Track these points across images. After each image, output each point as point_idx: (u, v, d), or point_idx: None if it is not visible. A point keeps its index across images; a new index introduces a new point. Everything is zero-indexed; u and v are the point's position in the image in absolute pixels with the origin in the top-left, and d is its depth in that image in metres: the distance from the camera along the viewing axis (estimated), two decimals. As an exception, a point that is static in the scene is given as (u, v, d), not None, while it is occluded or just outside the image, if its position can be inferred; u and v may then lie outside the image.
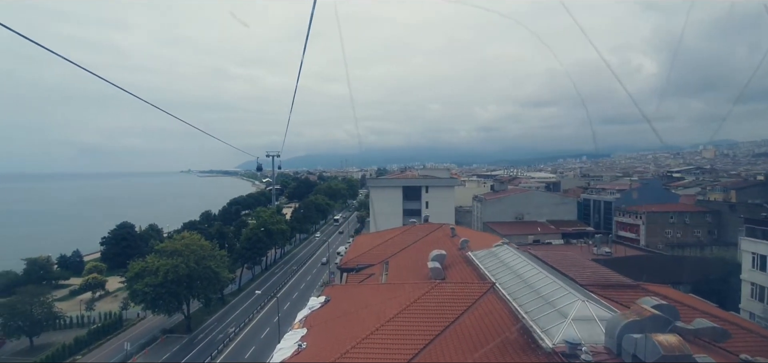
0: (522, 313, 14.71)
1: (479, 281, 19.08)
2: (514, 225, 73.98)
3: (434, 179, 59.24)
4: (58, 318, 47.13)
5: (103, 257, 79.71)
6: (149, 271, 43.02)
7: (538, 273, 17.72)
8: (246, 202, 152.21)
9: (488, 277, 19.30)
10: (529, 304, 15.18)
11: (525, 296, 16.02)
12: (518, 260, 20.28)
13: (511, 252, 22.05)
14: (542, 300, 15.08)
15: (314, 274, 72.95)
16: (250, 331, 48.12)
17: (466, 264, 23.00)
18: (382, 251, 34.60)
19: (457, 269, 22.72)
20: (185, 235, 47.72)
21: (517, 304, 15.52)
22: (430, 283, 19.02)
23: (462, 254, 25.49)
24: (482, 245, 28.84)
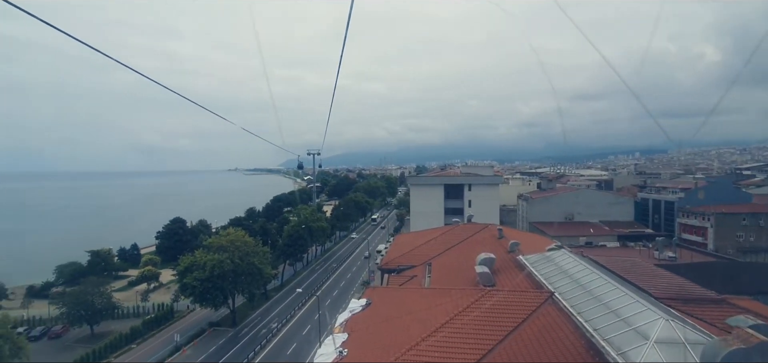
0: (589, 329, 12.95)
1: (535, 289, 17.34)
2: (563, 226, 69.79)
3: (477, 177, 56.88)
4: (116, 308, 50.11)
5: (158, 250, 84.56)
6: (197, 265, 44.51)
7: (604, 283, 15.75)
8: (288, 200, 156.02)
9: (545, 285, 17.51)
10: (597, 319, 13.35)
11: (591, 310, 14.17)
12: (578, 267, 18.29)
13: (569, 257, 20.03)
14: (614, 315, 13.21)
15: (354, 272, 72.93)
16: (292, 328, 48.63)
17: (518, 269, 21.21)
18: (425, 252, 33.31)
19: (508, 275, 20.99)
20: (230, 232, 49.11)
21: (583, 319, 13.73)
22: (480, 290, 17.55)
23: (512, 258, 23.68)
24: (533, 248, 26.78)
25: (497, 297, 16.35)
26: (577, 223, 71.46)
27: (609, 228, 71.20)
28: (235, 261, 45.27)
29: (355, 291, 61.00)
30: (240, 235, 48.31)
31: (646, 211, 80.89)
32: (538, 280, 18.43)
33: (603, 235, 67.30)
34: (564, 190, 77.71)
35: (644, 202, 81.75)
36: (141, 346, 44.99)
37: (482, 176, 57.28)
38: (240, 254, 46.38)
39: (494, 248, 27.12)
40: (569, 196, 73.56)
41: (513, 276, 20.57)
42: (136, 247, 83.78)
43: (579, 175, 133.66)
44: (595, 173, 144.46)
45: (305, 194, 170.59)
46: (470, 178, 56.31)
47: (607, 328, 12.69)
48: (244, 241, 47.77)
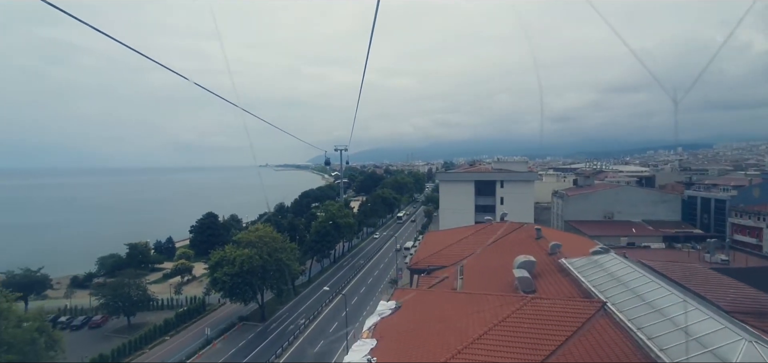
0: (654, 349, 11.31)
1: (583, 298, 15.66)
2: (602, 225, 66.13)
3: (510, 173, 54.42)
4: (151, 300, 51.58)
5: (191, 244, 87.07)
6: (227, 260, 44.96)
7: (666, 294, 13.92)
8: (316, 195, 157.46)
9: (594, 293, 15.82)
10: (662, 337, 11.67)
11: (654, 325, 12.46)
12: (633, 274, 16.45)
13: (620, 262, 18.15)
14: (683, 334, 11.49)
15: (381, 269, 72.17)
16: (319, 324, 48.42)
17: (561, 274, 19.49)
18: (456, 252, 31.87)
19: (551, 280, 19.31)
20: (259, 228, 49.39)
21: (644, 335, 12.08)
22: (521, 298, 16.06)
23: (554, 261, 21.91)
24: (576, 250, 24.85)
25: (541, 306, 14.85)
26: (617, 223, 67.53)
27: (653, 228, 66.89)
28: (263, 257, 45.41)
29: (382, 290, 60.23)
30: (268, 231, 48.50)
31: (693, 210, 75.46)
32: (586, 288, 16.74)
33: (646, 236, 63.27)
34: (602, 187, 73.53)
35: (692, 201, 76.27)
36: (174, 338, 46.02)
37: (516, 172, 54.76)
38: (268, 250, 46.50)
39: (533, 250, 25.38)
40: (609, 194, 69.55)
41: (556, 282, 18.89)
42: (171, 240, 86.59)
43: (618, 171, 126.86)
44: (635, 169, 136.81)
45: (333, 190, 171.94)
46: (502, 174, 53.93)
47: (675, 349, 11.02)
48: (272, 237, 47.88)
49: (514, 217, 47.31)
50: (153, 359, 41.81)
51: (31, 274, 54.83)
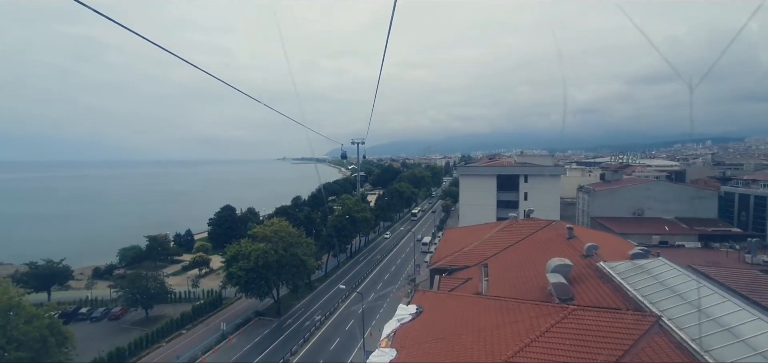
0: (732, 379, 9.43)
1: (631, 310, 13.76)
2: (631, 222, 62.86)
3: (535, 167, 51.83)
4: (169, 293, 51.63)
5: (209, 237, 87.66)
6: (243, 254, 44.38)
7: (734, 308, 11.95)
8: (333, 189, 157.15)
9: (644, 304, 13.92)
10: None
11: (725, 347, 10.56)
12: (687, 282, 14.47)
13: (670, 268, 16.14)
14: (762, 358, 9.59)
15: (398, 264, 70.80)
16: (335, 321, 47.46)
17: (602, 280, 17.55)
18: (479, 251, 30.10)
19: (590, 287, 17.41)
20: (275, 222, 48.61)
21: (713, 360, 10.22)
22: (560, 308, 14.29)
23: (590, 265, 19.94)
24: (613, 253, 22.81)
25: (585, 319, 13.05)
26: (648, 220, 64.09)
27: (687, 226, 63.19)
28: (278, 252, 44.61)
29: (399, 287, 58.87)
30: (284, 225, 47.68)
31: (730, 208, 71.08)
32: (633, 297, 14.83)
33: (680, 234, 59.77)
34: (631, 182, 69.92)
35: (729, 197, 71.86)
36: (190, 332, 45.87)
37: (541, 166, 52.16)
38: (284, 245, 45.69)
39: (564, 251, 23.45)
40: (638, 189, 66.06)
41: (596, 289, 16.98)
42: (190, 232, 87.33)
43: (645, 165, 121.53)
44: (664, 163, 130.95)
45: (350, 183, 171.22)
46: (527, 168, 51.38)
47: (761, 380, 9.13)
48: (288, 232, 47.05)
49: (540, 213, 45.05)
50: (169, 352, 41.66)
51: (53, 266, 55.72)
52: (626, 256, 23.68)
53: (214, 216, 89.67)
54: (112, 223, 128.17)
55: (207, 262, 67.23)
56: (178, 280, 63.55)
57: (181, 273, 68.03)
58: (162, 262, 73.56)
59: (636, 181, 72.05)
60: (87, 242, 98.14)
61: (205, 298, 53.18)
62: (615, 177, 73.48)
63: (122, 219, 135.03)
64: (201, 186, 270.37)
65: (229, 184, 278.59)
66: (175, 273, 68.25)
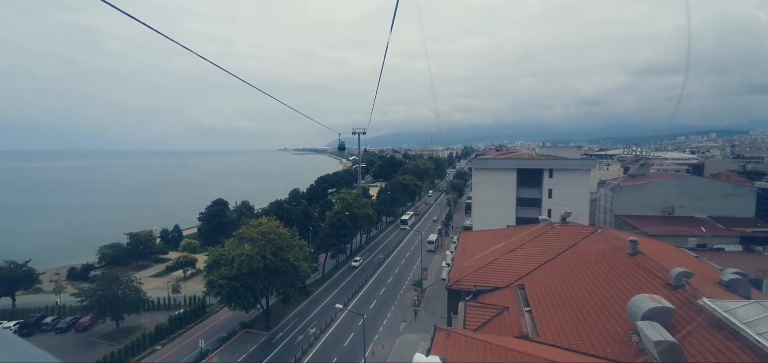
0: None
1: None
2: (661, 221, 56.50)
3: (561, 160, 45.27)
4: (145, 300, 45.61)
5: (199, 233, 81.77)
6: (225, 259, 38.39)
7: None
8: (332, 181, 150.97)
9: None
10: None
11: None
12: None
13: None
14: None
15: (402, 265, 64.84)
16: (332, 334, 41.58)
17: (720, 332, 11.30)
18: (511, 267, 23.88)
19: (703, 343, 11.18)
20: (263, 222, 42.28)
21: None
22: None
23: (687, 301, 13.70)
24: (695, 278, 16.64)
25: None
26: (680, 219, 57.74)
27: (723, 226, 56.86)
28: (267, 257, 38.49)
29: (404, 291, 52.98)
30: (273, 225, 41.40)
31: (765, 206, 64.63)
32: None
33: (718, 236, 53.43)
34: (660, 177, 63.46)
35: (764, 193, 65.39)
36: (166, 348, 40.00)
37: (568, 159, 45.67)
38: (273, 248, 39.55)
39: (633, 274, 17.35)
40: (669, 184, 59.63)
41: (717, 348, 10.74)
42: (179, 228, 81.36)
43: (662, 158, 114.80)
44: (681, 156, 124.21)
45: (350, 175, 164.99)
46: (551, 161, 44.88)
47: None
48: (278, 233, 40.83)
49: (567, 214, 38.93)
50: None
51: (16, 269, 49.77)
52: (712, 281, 17.58)
53: (205, 210, 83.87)
54: (102, 215, 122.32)
55: (192, 262, 61.22)
56: (160, 282, 57.71)
57: (165, 274, 62.16)
58: (146, 261, 67.89)
59: (665, 175, 65.57)
60: (71, 237, 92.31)
61: (186, 306, 47.34)
62: (641, 171, 66.99)
63: (114, 211, 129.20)
64: (200, 176, 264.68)
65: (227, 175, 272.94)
66: (159, 274, 62.42)
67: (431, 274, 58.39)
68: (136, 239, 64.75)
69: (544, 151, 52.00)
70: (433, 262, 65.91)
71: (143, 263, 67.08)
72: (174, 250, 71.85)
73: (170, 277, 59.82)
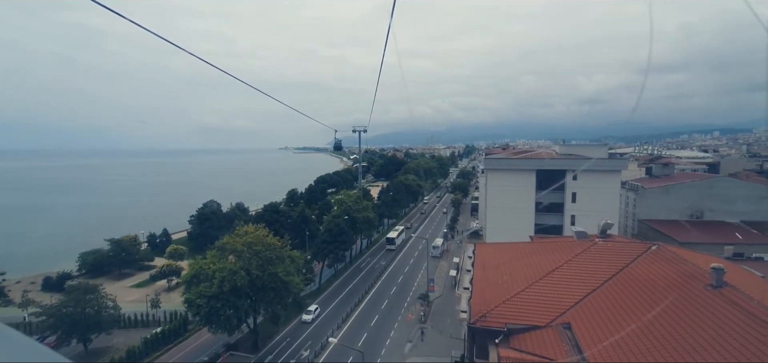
0: None
1: None
2: (692, 227, 51.41)
3: (586, 160, 40.10)
4: (120, 317, 40.64)
5: (189, 237, 76.92)
6: (205, 274, 33.45)
7: None
8: (332, 181, 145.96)
9: None
10: None
11: None
12: None
13: None
14: None
15: (406, 273, 59.92)
16: (329, 357, 36.67)
17: None
18: (549, 297, 18.87)
19: None
20: (249, 230, 37.24)
21: None
22: None
23: None
24: None
25: None
26: (710, 224, 52.67)
27: (757, 232, 51.90)
28: (252, 272, 33.49)
29: (409, 304, 48.02)
30: (260, 235, 36.30)
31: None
32: None
33: (756, 244, 48.34)
34: (687, 178, 58.35)
35: (798, 196, 60.12)
36: (139, 376, 35.11)
37: (594, 159, 40.57)
38: (260, 262, 34.56)
39: (723, 315, 12.37)
40: (699, 186, 54.59)
41: None
42: (167, 232, 76.39)
43: (676, 157, 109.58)
44: (696, 154, 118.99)
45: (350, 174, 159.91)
46: (575, 161, 39.74)
47: None
48: (267, 244, 35.79)
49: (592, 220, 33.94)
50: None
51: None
52: None
53: (196, 212, 79.06)
54: (92, 217, 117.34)
55: (177, 271, 56.16)
56: (142, 293, 52.82)
57: (148, 283, 57.26)
58: (129, 269, 63.02)
59: (694, 176, 60.50)
60: (56, 240, 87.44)
61: (165, 323, 42.41)
62: (665, 171, 61.86)
63: (104, 212, 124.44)
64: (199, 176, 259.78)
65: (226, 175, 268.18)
66: (141, 283, 57.54)
67: (438, 283, 53.46)
68: (118, 245, 59.76)
69: (565, 150, 46.80)
70: (440, 269, 60.98)
71: (127, 271, 62.23)
72: (161, 256, 66.88)
73: (153, 288, 55.02)
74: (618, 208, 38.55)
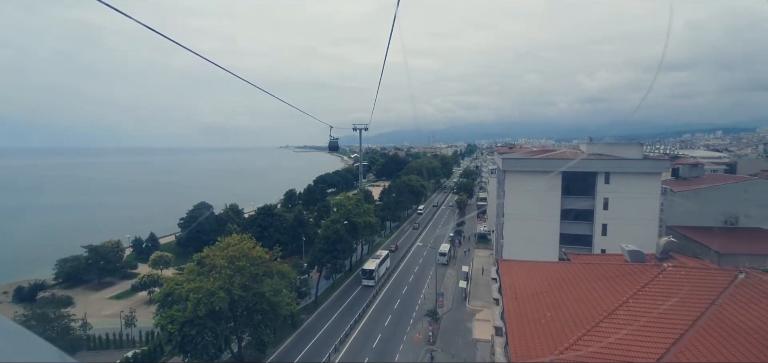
0: None
1: None
2: (728, 235, 46.25)
3: (617, 161, 34.86)
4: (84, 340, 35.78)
5: (178, 242, 72.06)
6: (178, 296, 28.54)
7: None
8: (332, 180, 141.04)
9: None
10: None
11: None
12: None
13: None
14: None
15: (411, 282, 55.05)
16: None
17: None
18: (616, 346, 14.01)
19: None
20: (232, 241, 32.16)
21: None
22: None
23: None
24: None
25: None
26: (748, 232, 47.47)
27: (802, 240, 46.63)
28: (233, 293, 28.53)
29: (415, 322, 43.11)
30: (245, 247, 31.20)
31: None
32: None
33: (805, 254, 43.10)
34: (722, 180, 53.23)
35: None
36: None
37: (629, 160, 35.34)
38: (243, 279, 29.60)
39: None
40: (735, 189, 49.46)
41: None
42: (154, 237, 71.47)
43: (691, 157, 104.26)
44: (711, 154, 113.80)
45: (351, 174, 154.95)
46: (609, 162, 34.48)
47: None
48: (251, 260, 30.74)
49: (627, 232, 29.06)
50: None
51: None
52: None
53: (186, 215, 74.23)
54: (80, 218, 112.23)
55: (160, 281, 51.13)
56: (121, 305, 47.94)
57: (129, 294, 52.40)
58: (111, 277, 58.17)
59: (727, 178, 55.35)
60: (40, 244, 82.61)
61: (141, 345, 37.53)
62: (693, 173, 56.71)
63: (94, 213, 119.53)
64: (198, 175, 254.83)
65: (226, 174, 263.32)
66: (121, 295, 52.68)
67: (446, 294, 48.56)
68: (96, 252, 54.79)
69: (593, 149, 41.68)
70: (447, 279, 56.07)
71: (108, 279, 57.40)
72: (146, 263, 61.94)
73: (134, 300, 50.22)
74: (658, 218, 33.59)
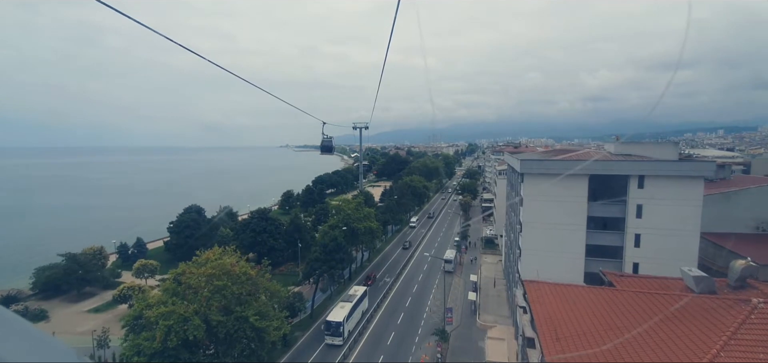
0: None
1: None
2: (759, 242, 42.12)
3: (654, 162, 30.59)
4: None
5: (167, 247, 67.86)
6: (148, 320, 24.42)
7: None
8: (331, 181, 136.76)
9: None
10: None
11: None
12: None
13: None
14: None
15: (415, 293, 50.98)
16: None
17: None
18: None
19: None
20: (211, 256, 27.84)
21: None
22: None
23: None
24: None
25: None
26: (785, 239, 43.28)
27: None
28: (211, 318, 24.38)
29: (421, 338, 39.03)
30: (227, 264, 26.89)
31: None
32: None
33: None
34: (753, 183, 48.98)
35: None
36: None
37: (666, 162, 31.10)
38: (223, 301, 25.44)
39: None
40: (763, 192, 45.39)
41: None
42: (142, 242, 67.30)
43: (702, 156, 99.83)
44: (723, 154, 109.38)
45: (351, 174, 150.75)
46: (643, 164, 30.11)
47: None
48: (234, 277, 26.50)
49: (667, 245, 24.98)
50: None
51: None
52: None
53: (176, 218, 70.00)
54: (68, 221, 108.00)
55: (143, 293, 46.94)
56: (101, 319, 43.87)
57: (110, 306, 48.28)
58: (93, 287, 54.00)
59: (757, 180, 51.08)
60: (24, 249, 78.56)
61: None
62: (721, 174, 52.53)
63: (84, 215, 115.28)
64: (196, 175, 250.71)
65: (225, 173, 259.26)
66: (100, 308, 48.50)
67: (454, 308, 44.45)
68: (75, 261, 50.58)
69: (622, 149, 37.36)
70: (454, 289, 51.96)
71: (89, 290, 53.28)
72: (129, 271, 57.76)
73: (115, 313, 46.14)
74: (699, 228, 29.41)
